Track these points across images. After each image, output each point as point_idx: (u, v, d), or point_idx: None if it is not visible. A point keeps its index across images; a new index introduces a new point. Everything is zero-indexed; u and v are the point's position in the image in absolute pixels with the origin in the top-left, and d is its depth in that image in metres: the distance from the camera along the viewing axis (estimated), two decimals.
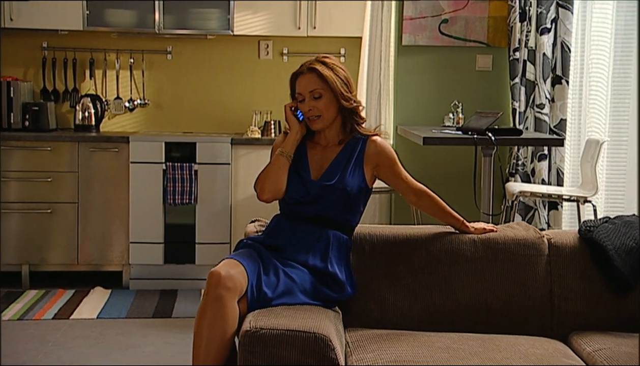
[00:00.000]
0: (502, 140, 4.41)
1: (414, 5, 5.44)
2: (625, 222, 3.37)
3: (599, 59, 5.46)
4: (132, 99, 6.51)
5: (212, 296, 2.90)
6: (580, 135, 5.40)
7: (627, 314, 3.25)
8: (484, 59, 5.45)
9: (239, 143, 6.02)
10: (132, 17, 6.15)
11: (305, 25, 6.16)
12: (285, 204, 3.28)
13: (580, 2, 5.32)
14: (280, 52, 6.51)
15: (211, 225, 6.01)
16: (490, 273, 3.30)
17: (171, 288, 6.00)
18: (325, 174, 3.24)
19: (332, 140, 3.30)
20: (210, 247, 6.03)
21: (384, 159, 3.28)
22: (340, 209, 3.22)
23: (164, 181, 5.92)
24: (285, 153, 3.24)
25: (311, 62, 3.29)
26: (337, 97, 3.22)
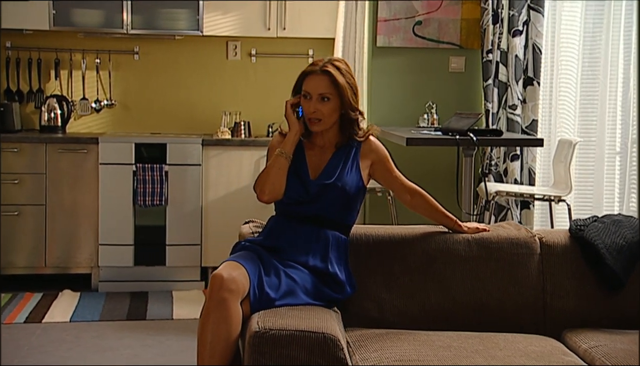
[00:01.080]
0: (483, 140, 4.49)
1: (388, 7, 5.48)
2: (614, 220, 3.45)
3: (568, 60, 5.57)
4: (98, 100, 6.45)
5: (215, 299, 2.90)
6: (551, 135, 5.51)
7: (618, 311, 3.33)
8: (456, 60, 5.52)
9: (209, 144, 6.00)
10: (99, 17, 6.08)
11: (275, 26, 6.17)
12: (283, 204, 3.28)
13: (550, 5, 5.42)
14: (248, 53, 6.51)
15: (182, 227, 5.98)
16: (484, 272, 3.35)
17: (141, 290, 5.95)
18: (323, 173, 3.25)
19: (328, 142, 3.31)
20: (181, 248, 6.00)
21: (378, 157, 3.31)
22: (338, 209, 3.24)
23: (134, 182, 5.88)
24: (284, 153, 3.24)
25: (325, 64, 3.23)
26: (344, 105, 3.22)
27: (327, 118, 3.22)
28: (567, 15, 5.56)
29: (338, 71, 3.23)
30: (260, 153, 6.02)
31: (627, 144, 5.56)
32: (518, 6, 5.29)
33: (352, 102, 3.23)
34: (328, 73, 3.22)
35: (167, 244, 5.98)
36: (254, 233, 3.41)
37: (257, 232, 3.41)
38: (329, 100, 3.22)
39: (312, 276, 3.14)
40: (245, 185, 6.01)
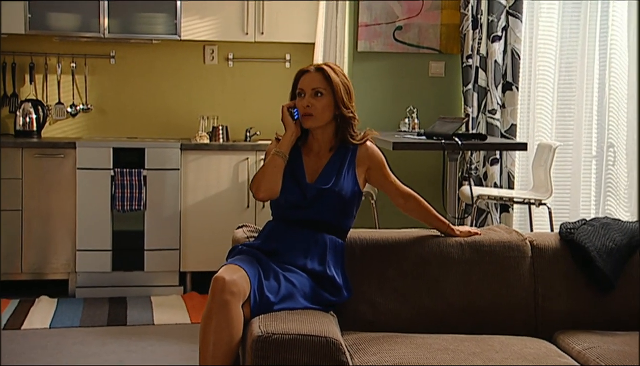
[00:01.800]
0: (468, 144, 4.54)
1: (369, 12, 5.53)
2: (602, 224, 3.51)
3: (545, 66, 5.65)
4: (74, 104, 6.40)
5: (217, 302, 2.91)
6: (529, 139, 5.58)
7: (609, 313, 3.39)
8: (436, 65, 5.57)
9: (188, 148, 5.99)
10: (75, 20, 6.05)
11: (253, 31, 6.18)
12: (280, 209, 3.30)
13: (528, 11, 5.49)
14: (225, 57, 6.51)
15: (160, 232, 5.96)
16: (477, 274, 3.39)
17: (119, 295, 5.92)
18: (320, 178, 3.28)
19: (324, 146, 3.34)
20: (160, 253, 5.98)
21: (375, 162, 3.35)
22: (335, 213, 3.27)
23: (112, 187, 5.85)
24: (281, 153, 3.26)
25: (319, 64, 3.35)
26: (337, 101, 3.27)
27: (320, 113, 3.27)
28: (544, 21, 5.64)
29: (332, 70, 3.32)
30: (238, 157, 6.03)
31: (603, 148, 5.65)
32: (497, 12, 5.36)
33: (345, 100, 3.27)
34: (322, 70, 3.31)
35: (145, 249, 5.96)
36: (248, 237, 3.42)
37: (252, 237, 3.42)
38: (322, 95, 3.27)
39: (310, 280, 3.16)
40: (224, 189, 6.02)
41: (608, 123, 5.63)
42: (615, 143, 5.65)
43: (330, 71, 3.30)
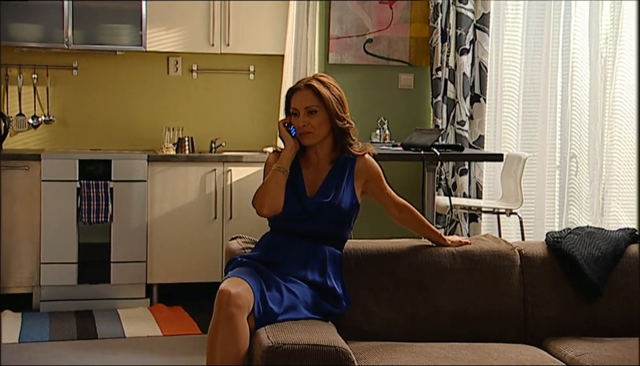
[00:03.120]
0: (446, 155, 4.64)
1: (340, 25, 5.59)
2: (587, 232, 3.62)
3: (511, 78, 5.79)
4: (35, 116, 6.32)
5: (223, 315, 2.92)
6: (496, 150, 5.69)
7: (596, 319, 3.49)
8: (406, 77, 5.66)
9: (155, 160, 5.97)
10: (38, 31, 5.98)
11: (219, 42, 6.19)
12: (280, 221, 3.33)
13: (494, 25, 5.62)
14: (189, 68, 6.50)
15: (127, 244, 5.92)
16: (469, 283, 3.47)
17: (85, 309, 5.86)
18: (320, 191, 3.32)
19: (323, 159, 3.38)
20: (126, 265, 5.94)
21: (372, 175, 3.40)
22: (334, 225, 3.31)
23: (78, 199, 5.79)
24: (281, 168, 3.29)
25: (309, 79, 3.36)
26: (331, 115, 3.31)
27: (317, 130, 3.30)
28: (509, 36, 5.78)
29: (321, 84, 3.34)
30: (206, 169, 6.03)
31: (566, 158, 5.81)
32: (465, 25, 5.47)
33: (338, 112, 3.32)
34: (311, 86, 3.33)
35: (111, 261, 5.91)
36: (244, 248, 3.44)
37: (247, 248, 3.43)
38: (316, 112, 3.30)
39: (311, 291, 3.20)
40: (192, 200, 6.01)
41: (570, 135, 5.79)
42: (578, 154, 5.81)
43: (320, 86, 3.33)
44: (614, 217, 5.84)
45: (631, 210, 5.88)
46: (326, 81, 3.36)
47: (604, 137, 5.79)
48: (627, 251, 3.61)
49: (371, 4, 5.60)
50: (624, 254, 3.59)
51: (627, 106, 5.85)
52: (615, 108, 5.82)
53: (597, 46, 5.73)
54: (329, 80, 3.39)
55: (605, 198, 5.83)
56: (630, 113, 5.85)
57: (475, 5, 5.50)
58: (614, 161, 5.85)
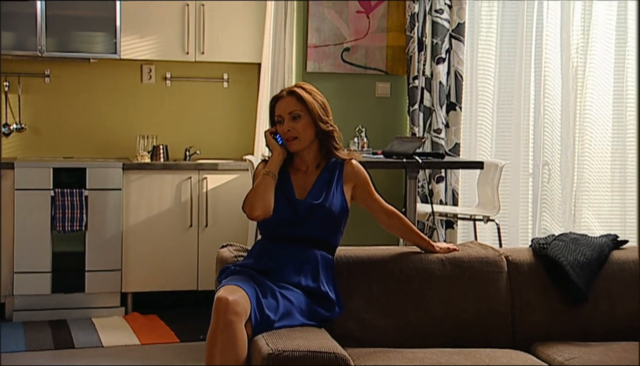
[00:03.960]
0: (428, 163, 4.70)
1: (318, 34, 5.63)
2: (572, 239, 3.69)
3: (485, 87, 5.87)
4: (7, 124, 6.26)
5: (222, 322, 2.93)
6: (471, 158, 5.76)
7: (582, 324, 3.56)
8: (382, 86, 5.71)
9: (130, 168, 5.95)
10: (10, 39, 5.93)
11: (194, 50, 6.20)
12: (271, 227, 3.34)
13: (469, 35, 5.71)
14: (163, 76, 6.49)
15: (102, 252, 5.89)
16: (458, 289, 3.51)
17: (60, 318, 5.81)
18: (311, 194, 3.35)
19: (311, 165, 3.42)
20: (101, 274, 5.90)
21: (361, 180, 3.44)
22: (325, 229, 3.34)
23: (52, 208, 5.75)
24: (270, 173, 3.32)
25: (291, 87, 3.43)
26: (315, 119, 3.36)
27: (303, 134, 3.35)
28: (483, 45, 5.86)
29: (303, 90, 3.41)
30: (181, 177, 6.02)
31: (539, 166, 5.90)
32: (441, 35, 5.54)
33: (321, 115, 3.37)
34: (294, 93, 3.40)
35: (86, 270, 5.87)
36: (236, 256, 3.45)
37: (240, 256, 3.45)
38: (299, 117, 3.35)
39: (305, 297, 3.22)
40: (167, 208, 6.00)
41: (543, 143, 5.88)
42: (550, 161, 5.91)
43: (302, 92, 3.39)
44: (585, 223, 5.95)
45: (602, 216, 6.00)
46: (308, 88, 3.43)
47: (576, 145, 5.90)
48: (611, 257, 3.69)
49: (349, 13, 5.66)
50: (608, 260, 3.67)
51: (597, 114, 5.97)
52: (586, 117, 5.93)
53: (568, 56, 5.84)
54: (311, 87, 3.46)
55: (576, 205, 5.93)
56: (600, 121, 5.97)
57: (451, 15, 5.58)
58: (585, 169, 5.96)
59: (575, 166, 5.90)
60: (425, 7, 5.54)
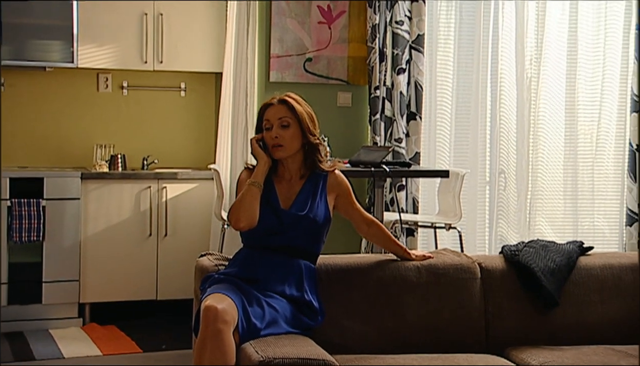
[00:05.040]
0: (395, 172, 4.78)
1: (280, 45, 5.67)
2: (541, 245, 3.80)
3: (444, 97, 5.98)
4: None
5: (211, 331, 2.95)
6: (430, 166, 5.86)
7: (552, 329, 3.66)
8: (344, 96, 5.78)
9: (89, 177, 5.90)
10: None
11: (152, 59, 6.18)
12: (254, 236, 3.36)
13: (428, 46, 5.81)
14: (120, 85, 6.46)
15: (59, 263, 5.82)
16: (433, 296, 3.59)
17: (16, 330, 5.72)
18: (295, 204, 3.38)
19: (295, 174, 3.45)
20: (58, 285, 5.84)
21: (343, 190, 3.49)
22: (309, 239, 3.39)
23: (9, 218, 5.67)
24: (256, 183, 3.34)
25: (281, 96, 3.45)
26: (304, 130, 3.40)
27: (289, 143, 3.38)
28: (442, 56, 5.97)
29: (294, 100, 3.45)
30: (140, 186, 6.00)
31: (496, 174, 6.03)
32: (401, 46, 5.63)
33: (310, 128, 3.41)
34: (285, 102, 3.43)
35: (43, 281, 5.80)
36: (217, 265, 3.46)
37: (221, 265, 3.46)
38: (288, 125, 3.39)
39: (290, 305, 3.26)
40: (126, 218, 5.97)
41: (499, 152, 6.01)
42: (506, 169, 6.04)
43: (293, 102, 3.43)
44: (539, 230, 6.09)
45: (555, 223, 6.15)
46: (298, 99, 3.48)
47: (530, 154, 6.04)
48: (578, 263, 3.80)
49: (310, 24, 5.72)
50: (576, 266, 3.78)
51: (550, 124, 6.12)
52: (540, 127, 6.08)
53: (522, 67, 5.99)
54: (300, 98, 3.49)
55: (531, 213, 6.07)
56: (553, 131, 6.12)
57: (411, 27, 5.68)
58: (538, 177, 6.11)
59: (529, 174, 6.04)
60: (386, 18, 5.63)
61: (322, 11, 5.74)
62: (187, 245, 6.10)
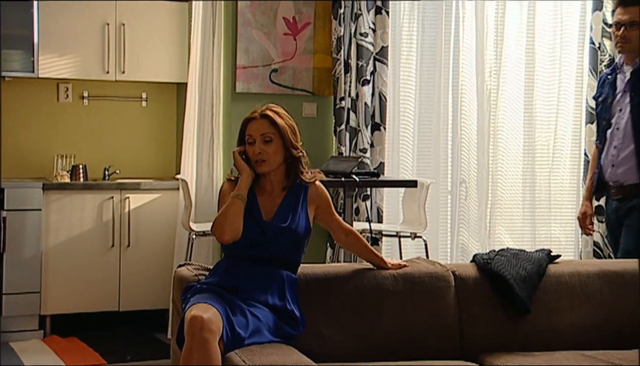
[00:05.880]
0: (365, 182, 4.84)
1: (247, 55, 5.69)
2: (512, 254, 3.88)
3: (406, 108, 6.05)
4: None
5: (198, 340, 2.97)
6: (394, 176, 5.92)
7: (525, 335, 3.74)
8: (309, 106, 5.81)
9: (50, 188, 5.86)
10: None
11: (114, 69, 6.16)
12: (237, 247, 3.38)
13: (392, 58, 5.88)
14: (80, 95, 6.42)
15: (20, 274, 5.76)
16: (409, 304, 3.64)
17: None
18: (277, 216, 3.41)
19: (277, 186, 3.48)
20: (19, 297, 5.78)
21: (323, 201, 3.53)
22: (290, 250, 3.42)
23: None
24: (240, 196, 3.36)
25: (263, 110, 3.47)
26: (286, 144, 3.43)
27: (272, 158, 3.41)
28: (405, 68, 6.05)
29: (276, 114, 3.47)
30: (103, 196, 5.97)
31: (457, 184, 6.13)
32: (366, 57, 5.70)
33: (293, 141, 3.45)
34: (267, 116, 3.45)
35: (3, 293, 5.73)
36: (197, 275, 3.47)
37: (201, 275, 3.47)
38: (271, 140, 3.42)
39: (272, 315, 3.29)
40: (88, 229, 5.93)
41: (460, 162, 6.11)
42: (467, 179, 6.14)
43: (275, 116, 3.46)
44: (498, 239, 6.19)
45: (514, 232, 6.26)
46: (280, 111, 3.50)
47: (490, 164, 6.14)
48: (548, 270, 3.90)
49: (276, 35, 5.75)
50: (546, 273, 3.87)
51: (509, 135, 6.22)
52: (499, 137, 6.19)
53: (482, 79, 6.09)
54: (282, 111, 3.52)
55: (491, 222, 6.17)
56: (512, 142, 6.23)
57: (375, 39, 5.74)
58: (498, 187, 6.21)
59: (489, 184, 6.14)
60: (350, 30, 5.69)
61: (287, 23, 5.78)
62: (150, 256, 6.09)
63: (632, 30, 4.63)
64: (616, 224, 4.85)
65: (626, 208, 4.74)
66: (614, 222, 4.87)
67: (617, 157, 4.73)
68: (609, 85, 4.84)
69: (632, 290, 3.96)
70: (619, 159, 4.72)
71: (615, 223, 4.86)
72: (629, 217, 4.74)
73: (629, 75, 4.73)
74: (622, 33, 4.65)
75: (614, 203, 4.83)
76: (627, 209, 4.73)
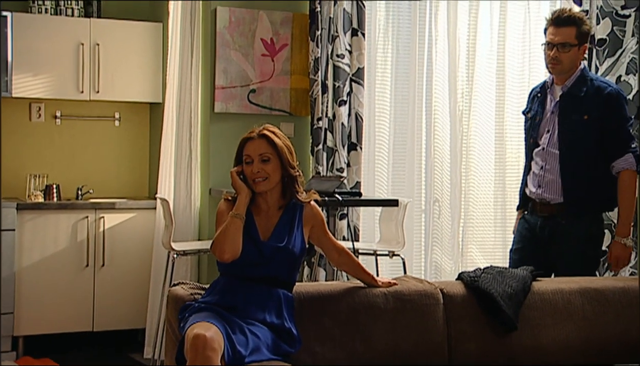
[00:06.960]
0: (348, 201, 4.90)
1: (225, 76, 5.73)
2: (498, 271, 3.97)
3: (381, 128, 6.14)
4: None
5: (200, 359, 3.00)
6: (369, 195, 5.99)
7: (512, 351, 3.82)
8: (287, 126, 5.86)
9: (24, 208, 5.83)
10: None
11: (88, 89, 6.16)
12: (234, 266, 3.40)
13: (367, 79, 5.97)
14: (53, 115, 6.40)
15: None
16: (400, 321, 3.70)
17: None
18: (273, 236, 3.45)
19: (273, 206, 3.52)
20: None
21: (318, 221, 3.58)
22: (286, 269, 3.46)
23: None
24: (239, 215, 3.40)
25: (261, 130, 3.50)
26: (284, 163, 3.47)
27: (271, 177, 3.45)
28: (380, 89, 6.14)
29: (273, 134, 3.51)
30: (77, 216, 5.95)
31: (430, 203, 6.22)
32: (342, 78, 5.77)
33: (290, 161, 3.49)
34: (265, 136, 3.49)
35: None
36: (193, 294, 3.49)
37: (197, 293, 3.49)
38: (269, 160, 3.46)
39: (271, 333, 3.32)
40: (62, 248, 5.92)
41: (433, 181, 6.21)
42: (440, 198, 6.24)
43: (273, 136, 3.50)
44: (471, 257, 6.29)
45: (486, 251, 6.37)
46: (277, 132, 3.54)
47: (462, 183, 6.25)
48: (532, 287, 3.99)
49: (254, 56, 5.81)
50: (530, 291, 3.97)
51: (480, 156, 6.34)
52: (471, 158, 6.30)
53: (455, 100, 6.21)
54: (278, 131, 3.56)
55: (464, 240, 6.28)
56: (483, 162, 6.35)
57: (351, 60, 5.82)
58: (470, 205, 6.32)
59: (462, 203, 6.25)
60: (327, 52, 5.76)
61: (265, 44, 5.83)
62: (124, 275, 6.08)
63: (564, 51, 4.53)
64: (534, 240, 4.66)
65: (551, 230, 4.59)
66: (534, 237, 4.67)
67: (543, 178, 4.63)
68: (539, 102, 4.72)
69: (613, 307, 4.08)
70: (544, 180, 4.66)
71: (535, 239, 4.66)
72: (557, 242, 4.59)
73: (558, 98, 4.64)
74: (554, 54, 4.55)
75: (539, 221, 4.65)
76: (553, 232, 4.59)
